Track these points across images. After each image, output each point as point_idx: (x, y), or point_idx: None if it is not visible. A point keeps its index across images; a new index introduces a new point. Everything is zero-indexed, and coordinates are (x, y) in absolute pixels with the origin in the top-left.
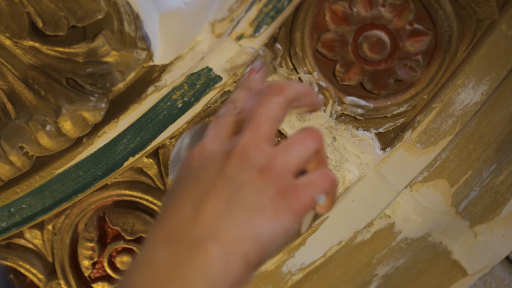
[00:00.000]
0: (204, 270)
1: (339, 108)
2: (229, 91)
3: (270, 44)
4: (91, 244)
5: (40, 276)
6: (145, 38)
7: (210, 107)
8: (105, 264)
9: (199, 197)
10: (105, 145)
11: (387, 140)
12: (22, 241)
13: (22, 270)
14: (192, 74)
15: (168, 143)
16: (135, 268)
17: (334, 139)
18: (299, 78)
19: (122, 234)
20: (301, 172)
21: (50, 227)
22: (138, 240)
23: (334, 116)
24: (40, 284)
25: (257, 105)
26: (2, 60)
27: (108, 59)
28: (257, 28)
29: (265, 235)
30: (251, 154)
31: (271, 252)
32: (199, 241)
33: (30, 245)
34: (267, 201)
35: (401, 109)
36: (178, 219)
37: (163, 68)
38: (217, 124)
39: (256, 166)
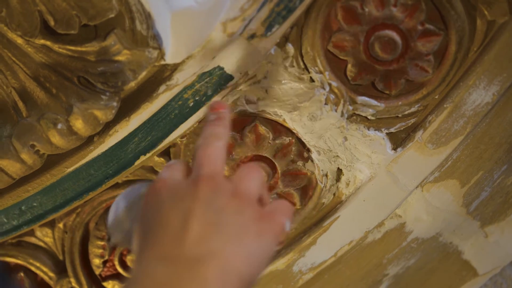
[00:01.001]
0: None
1: (350, 107)
2: (240, 90)
3: (281, 43)
4: (102, 243)
5: (51, 274)
6: (156, 37)
7: None
8: (116, 263)
9: (181, 219)
10: (116, 143)
11: (398, 140)
12: (33, 239)
13: (33, 268)
14: (204, 73)
15: (179, 142)
16: (131, 284)
17: (345, 138)
18: (311, 78)
19: None
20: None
21: (61, 225)
22: None
23: (346, 115)
24: (51, 282)
25: (201, 149)
26: (14, 59)
27: (119, 57)
28: (268, 28)
29: (255, 254)
30: (218, 182)
31: (260, 271)
32: (197, 260)
33: (41, 243)
34: (249, 222)
35: (412, 109)
36: (166, 238)
37: (175, 67)
38: (170, 167)
39: (227, 190)
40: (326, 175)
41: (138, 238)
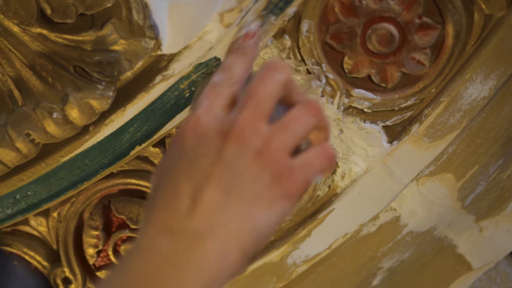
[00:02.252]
0: (203, 264)
1: (346, 100)
2: None
3: (278, 35)
4: (96, 233)
5: (45, 263)
6: (153, 27)
7: None
8: (110, 253)
9: (197, 184)
10: (111, 133)
11: (394, 133)
12: (27, 228)
13: (27, 257)
14: (200, 64)
15: (174, 132)
16: (134, 254)
17: (341, 131)
18: (307, 70)
19: (127, 223)
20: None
21: (55, 214)
22: None
23: (342, 108)
24: (44, 271)
25: (256, 81)
26: (10, 47)
27: (116, 47)
28: (265, 19)
29: (261, 226)
30: (248, 137)
31: (265, 242)
32: (198, 235)
33: (35, 232)
34: (263, 189)
35: (409, 103)
36: (176, 208)
37: (171, 58)
38: (212, 94)
39: (253, 149)
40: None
41: (151, 191)
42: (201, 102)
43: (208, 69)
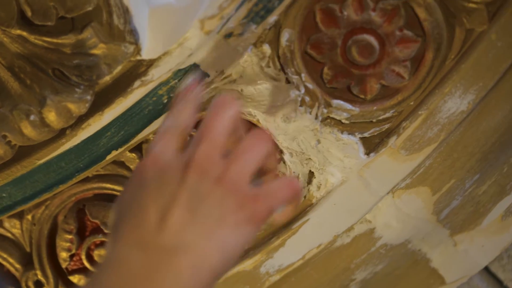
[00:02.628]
0: (176, 280)
1: (325, 110)
2: (216, 88)
3: (258, 43)
4: (70, 236)
5: (17, 265)
6: (133, 32)
7: None
8: (83, 257)
9: (163, 205)
10: (88, 137)
11: (372, 145)
12: (0, 230)
13: (0, 260)
14: (179, 70)
15: (151, 138)
16: (106, 268)
17: (319, 141)
18: (287, 79)
19: (102, 227)
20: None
21: (29, 217)
22: None
23: (320, 118)
24: (17, 274)
25: (208, 118)
26: None
27: (95, 51)
28: (246, 27)
29: (229, 246)
30: (207, 166)
31: (234, 262)
32: (170, 250)
33: (9, 234)
34: (228, 213)
35: (387, 115)
36: (145, 224)
37: (150, 63)
38: (164, 138)
39: (213, 177)
40: (298, 177)
41: (115, 217)
42: (155, 145)
43: (186, 75)
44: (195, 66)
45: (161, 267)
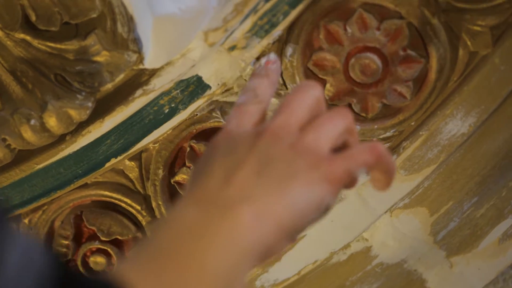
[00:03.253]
0: (234, 232)
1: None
2: (217, 100)
3: (261, 57)
4: (66, 242)
5: None
6: (137, 41)
7: (196, 115)
8: (79, 263)
9: (229, 167)
10: (88, 144)
11: None
12: None
13: None
14: (182, 80)
15: (151, 147)
16: (161, 225)
17: None
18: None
19: (98, 234)
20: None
21: (26, 221)
22: (114, 242)
23: None
24: None
25: (290, 94)
26: None
27: (98, 58)
28: (250, 40)
29: (299, 201)
30: (282, 134)
31: (304, 222)
32: (231, 203)
33: None
34: (300, 171)
35: (388, 134)
36: (209, 185)
37: (153, 72)
38: (239, 112)
39: (287, 142)
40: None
41: (185, 188)
42: (230, 120)
43: (188, 87)
44: (197, 78)
45: (217, 219)
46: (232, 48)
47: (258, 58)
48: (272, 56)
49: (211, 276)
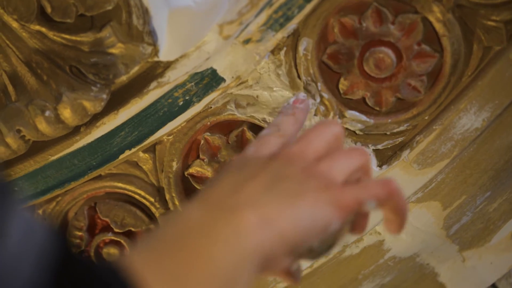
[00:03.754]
0: (238, 233)
1: (339, 120)
2: (231, 93)
3: (276, 51)
4: (80, 233)
5: None
6: (152, 33)
7: (210, 107)
8: (92, 254)
9: (241, 179)
10: (102, 136)
11: (384, 158)
12: None
13: None
14: (196, 73)
15: (165, 139)
16: (167, 222)
17: None
18: (303, 88)
19: (112, 226)
20: None
21: (40, 212)
22: (127, 234)
23: None
24: None
25: (310, 128)
26: (8, 42)
27: (113, 50)
28: (264, 34)
29: (304, 218)
30: (296, 159)
31: (308, 240)
32: (237, 207)
33: None
34: (309, 191)
35: (401, 128)
36: (218, 192)
37: (168, 65)
38: (259, 142)
39: (301, 166)
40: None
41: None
42: (248, 147)
43: (203, 79)
44: (212, 71)
45: (220, 221)
46: (247, 41)
47: (272, 52)
48: (301, 95)
49: (216, 269)
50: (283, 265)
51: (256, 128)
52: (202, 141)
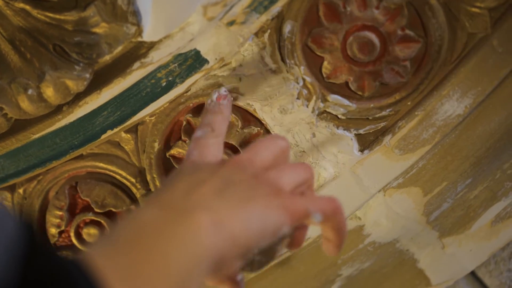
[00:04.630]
0: (192, 233)
1: (322, 105)
2: (214, 75)
3: (259, 33)
4: (60, 213)
5: None
6: (136, 13)
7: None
8: (72, 234)
9: (193, 183)
10: (85, 115)
11: (366, 142)
12: None
13: None
14: (180, 54)
15: (148, 120)
16: (120, 224)
17: (314, 135)
18: (286, 70)
19: (92, 206)
20: None
21: (21, 191)
22: (107, 214)
23: (316, 112)
24: None
25: (258, 141)
26: None
27: (97, 30)
28: (249, 16)
29: (255, 221)
30: (246, 166)
31: (258, 243)
32: (191, 209)
33: None
34: (260, 195)
35: (383, 113)
36: (172, 194)
37: (151, 45)
38: (199, 145)
39: (250, 172)
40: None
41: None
42: (191, 152)
43: (186, 61)
44: (196, 52)
45: (175, 221)
46: (231, 23)
47: (256, 34)
48: (223, 90)
49: (170, 266)
50: (233, 269)
51: (238, 110)
52: (184, 123)
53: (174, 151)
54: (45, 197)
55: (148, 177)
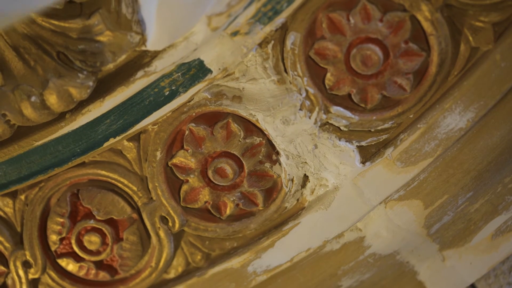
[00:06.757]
0: None
1: (324, 116)
2: (217, 85)
3: (263, 44)
4: (61, 220)
5: (7, 244)
6: (140, 22)
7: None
8: (73, 241)
9: None
10: (87, 123)
11: (368, 154)
12: None
13: None
14: (183, 64)
15: (150, 129)
16: None
17: (316, 146)
18: (289, 81)
19: (93, 213)
20: None
21: (22, 197)
22: (109, 222)
23: (319, 123)
24: (6, 253)
25: None
26: None
27: (101, 38)
28: (253, 27)
29: None
30: None
31: None
32: None
33: (1, 213)
34: None
35: (386, 125)
36: None
37: (155, 54)
38: None
39: None
40: (292, 180)
41: None
42: None
43: (189, 70)
44: (199, 62)
45: None
46: (235, 33)
47: (260, 45)
48: None
49: None
50: None
51: (241, 120)
52: (187, 132)
53: (176, 160)
54: (46, 203)
55: (150, 186)
